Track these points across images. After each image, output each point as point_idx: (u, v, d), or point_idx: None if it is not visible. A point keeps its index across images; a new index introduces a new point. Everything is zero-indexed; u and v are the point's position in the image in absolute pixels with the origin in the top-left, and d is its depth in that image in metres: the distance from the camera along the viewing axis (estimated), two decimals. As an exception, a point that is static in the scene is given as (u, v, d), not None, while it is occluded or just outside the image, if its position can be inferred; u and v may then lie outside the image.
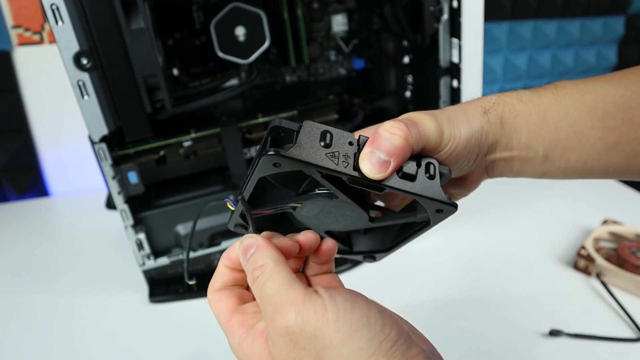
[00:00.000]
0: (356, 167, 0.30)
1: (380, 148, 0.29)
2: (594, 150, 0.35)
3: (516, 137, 0.35)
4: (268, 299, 0.28)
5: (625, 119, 0.34)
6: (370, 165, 0.29)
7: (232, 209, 0.36)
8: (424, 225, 0.35)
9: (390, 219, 0.36)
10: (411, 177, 0.31)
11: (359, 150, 0.30)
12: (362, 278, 0.74)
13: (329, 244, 0.34)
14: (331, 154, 0.30)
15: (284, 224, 0.39)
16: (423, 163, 0.32)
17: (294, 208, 0.35)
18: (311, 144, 0.29)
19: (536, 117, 0.35)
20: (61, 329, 0.67)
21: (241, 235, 0.36)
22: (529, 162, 0.36)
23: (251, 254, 0.31)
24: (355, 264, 0.75)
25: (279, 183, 0.34)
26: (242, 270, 0.32)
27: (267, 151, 0.29)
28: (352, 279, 0.73)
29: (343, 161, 0.30)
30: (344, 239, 0.40)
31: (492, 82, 1.11)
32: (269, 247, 0.30)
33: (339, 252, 0.39)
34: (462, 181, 0.39)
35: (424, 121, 0.32)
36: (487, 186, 0.41)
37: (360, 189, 0.31)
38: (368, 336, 0.25)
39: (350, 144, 0.30)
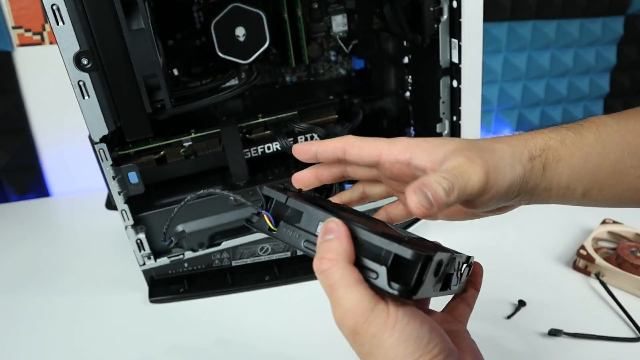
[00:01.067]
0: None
1: (430, 190, 0.30)
2: (631, 186, 0.36)
3: (556, 181, 0.36)
4: (340, 301, 0.30)
5: None
6: (420, 199, 0.29)
7: (273, 228, 0.37)
8: None
9: None
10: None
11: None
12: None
13: None
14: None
15: None
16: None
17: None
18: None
19: (578, 161, 0.35)
20: (61, 328, 0.67)
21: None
22: (566, 200, 0.37)
23: (329, 239, 0.32)
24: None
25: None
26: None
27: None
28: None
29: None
30: None
31: (492, 83, 1.11)
32: (346, 243, 0.31)
33: None
34: (489, 215, 0.40)
35: (474, 176, 0.32)
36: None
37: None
38: (413, 347, 0.30)
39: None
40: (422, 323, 0.30)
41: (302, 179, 0.41)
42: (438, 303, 0.41)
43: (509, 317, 0.64)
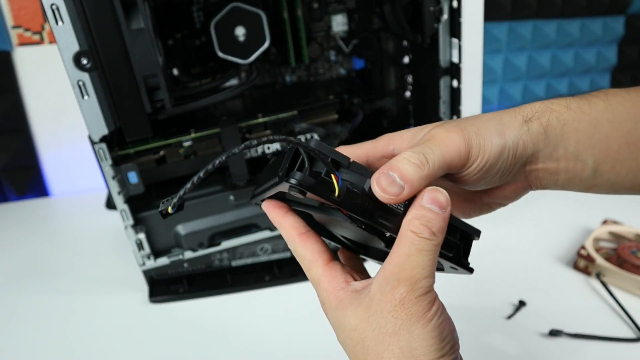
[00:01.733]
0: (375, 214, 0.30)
1: (397, 171, 0.29)
2: None
3: (563, 147, 0.33)
4: (414, 264, 0.30)
5: None
6: (385, 184, 0.29)
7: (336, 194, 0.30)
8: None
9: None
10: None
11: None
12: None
13: None
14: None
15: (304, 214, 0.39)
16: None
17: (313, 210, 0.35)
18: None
19: (586, 126, 0.33)
20: (61, 328, 0.67)
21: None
22: (576, 174, 0.34)
23: (439, 212, 0.30)
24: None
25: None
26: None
27: (290, 176, 0.28)
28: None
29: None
30: (359, 244, 0.40)
31: (492, 82, 1.11)
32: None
33: (354, 251, 0.40)
34: (499, 191, 0.37)
35: (450, 142, 0.31)
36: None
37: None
38: (437, 346, 0.30)
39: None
40: (450, 332, 0.31)
41: None
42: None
43: (509, 317, 0.64)
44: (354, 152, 0.36)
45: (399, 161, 0.30)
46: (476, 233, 0.35)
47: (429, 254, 0.30)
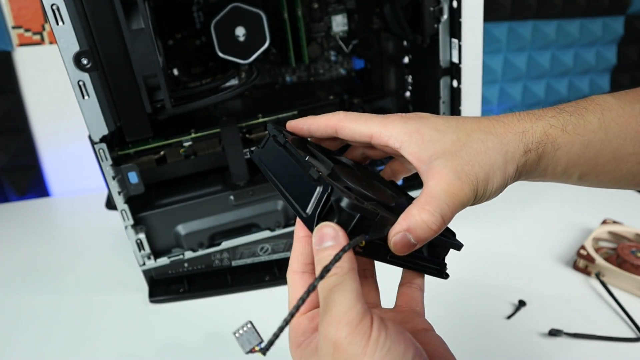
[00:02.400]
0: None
1: (413, 233, 0.31)
2: (629, 172, 0.35)
3: (552, 167, 0.35)
4: (332, 304, 0.29)
5: None
6: (401, 246, 0.31)
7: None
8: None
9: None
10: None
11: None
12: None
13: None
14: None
15: None
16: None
17: None
18: None
19: (579, 148, 0.34)
20: (61, 328, 0.67)
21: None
22: (560, 181, 0.37)
23: (327, 246, 0.30)
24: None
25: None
26: None
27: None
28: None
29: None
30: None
31: (492, 82, 1.11)
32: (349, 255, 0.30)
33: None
34: None
35: (462, 196, 0.32)
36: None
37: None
38: None
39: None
40: (406, 349, 0.28)
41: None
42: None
43: (509, 317, 0.64)
44: (359, 127, 0.36)
45: (418, 225, 0.31)
46: (454, 247, 0.36)
47: (340, 288, 0.29)
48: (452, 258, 0.39)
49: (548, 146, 0.34)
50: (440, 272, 0.38)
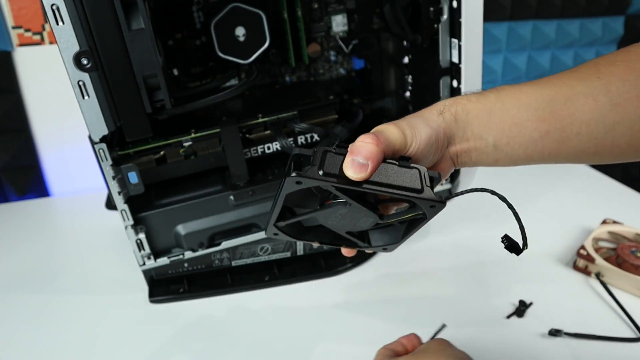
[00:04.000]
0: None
1: (358, 155, 0.37)
2: (531, 138, 0.43)
3: (469, 129, 0.43)
4: None
5: (552, 112, 0.42)
6: (352, 170, 0.37)
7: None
8: (422, 219, 0.43)
9: (394, 216, 0.44)
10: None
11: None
12: (365, 278, 0.74)
13: None
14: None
15: (315, 229, 0.46)
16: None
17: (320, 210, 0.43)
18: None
19: (484, 113, 0.43)
20: (61, 328, 0.67)
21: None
22: (482, 150, 0.44)
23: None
24: (358, 263, 0.75)
25: (300, 206, 0.43)
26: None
27: (289, 174, 0.37)
28: (357, 278, 0.74)
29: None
30: (363, 236, 0.47)
31: (492, 83, 1.11)
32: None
33: (360, 247, 0.47)
34: (434, 170, 0.46)
35: (389, 130, 0.40)
36: (487, 186, 0.41)
37: (369, 197, 0.41)
38: None
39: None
40: None
41: None
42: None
43: (508, 317, 0.64)
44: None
45: (358, 146, 0.38)
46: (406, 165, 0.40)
47: None
48: (452, 258, 0.39)
49: (459, 109, 0.43)
50: (421, 194, 0.39)
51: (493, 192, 0.41)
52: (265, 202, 0.70)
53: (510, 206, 0.42)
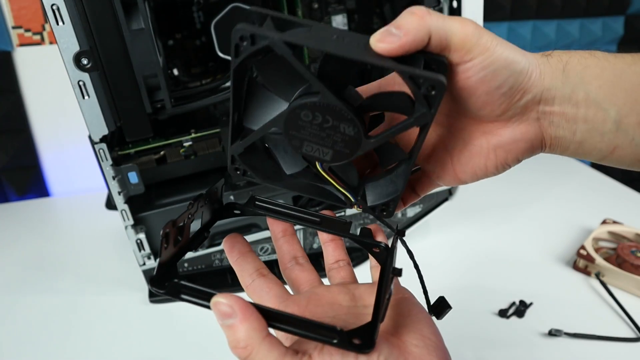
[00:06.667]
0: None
1: (394, 24, 0.27)
2: None
3: (583, 90, 0.29)
4: None
5: None
6: (379, 36, 0.27)
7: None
8: (424, 126, 0.30)
9: (387, 131, 0.31)
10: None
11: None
12: (365, 278, 0.74)
13: None
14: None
15: (296, 178, 0.37)
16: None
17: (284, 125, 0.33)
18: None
19: (611, 74, 0.29)
20: (61, 328, 0.67)
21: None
22: (596, 127, 0.30)
23: (230, 324, 0.27)
24: (357, 263, 0.75)
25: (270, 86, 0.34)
26: None
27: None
28: (357, 276, 0.73)
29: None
30: (355, 189, 0.37)
31: (492, 83, 1.11)
32: (251, 318, 0.27)
33: (351, 204, 0.36)
34: (508, 131, 0.31)
35: (450, 19, 0.28)
36: (487, 186, 0.41)
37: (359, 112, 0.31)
38: None
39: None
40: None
41: None
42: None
43: (508, 317, 0.64)
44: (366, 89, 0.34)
45: (398, 17, 0.27)
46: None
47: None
48: (452, 257, 0.39)
49: (574, 59, 0.30)
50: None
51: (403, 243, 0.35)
52: (265, 202, 0.70)
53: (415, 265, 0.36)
